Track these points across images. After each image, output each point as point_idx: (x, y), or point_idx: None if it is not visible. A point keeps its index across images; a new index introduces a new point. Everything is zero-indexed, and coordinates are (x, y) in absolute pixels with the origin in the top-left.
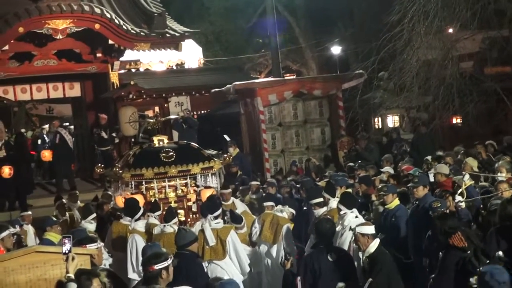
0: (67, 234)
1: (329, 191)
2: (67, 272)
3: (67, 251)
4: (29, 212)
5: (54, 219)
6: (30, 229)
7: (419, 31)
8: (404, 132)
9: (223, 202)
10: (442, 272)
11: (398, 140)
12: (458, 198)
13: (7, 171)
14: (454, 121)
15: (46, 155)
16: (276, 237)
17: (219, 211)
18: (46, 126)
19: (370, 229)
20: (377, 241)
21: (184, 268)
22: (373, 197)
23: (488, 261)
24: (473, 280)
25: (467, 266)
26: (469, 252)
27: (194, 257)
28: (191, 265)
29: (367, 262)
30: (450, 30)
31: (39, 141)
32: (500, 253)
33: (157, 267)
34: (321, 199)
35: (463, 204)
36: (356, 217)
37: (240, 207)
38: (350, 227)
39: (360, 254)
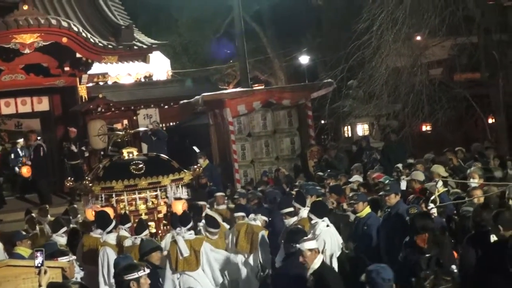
0: (39, 247)
1: (299, 201)
2: (40, 285)
3: (39, 265)
4: None
5: (24, 233)
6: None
7: (388, 38)
8: (374, 140)
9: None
10: (401, 267)
11: (368, 148)
12: (430, 205)
13: None
14: (424, 128)
15: (25, 171)
16: (253, 246)
17: (191, 224)
18: (21, 140)
19: (314, 244)
20: (320, 257)
21: None
22: (345, 206)
23: (436, 269)
24: (362, 277)
25: (415, 268)
26: (426, 255)
27: (151, 269)
28: None
29: (312, 279)
30: (418, 38)
31: (12, 156)
32: (454, 267)
33: (127, 278)
34: (291, 209)
35: (435, 211)
36: (328, 225)
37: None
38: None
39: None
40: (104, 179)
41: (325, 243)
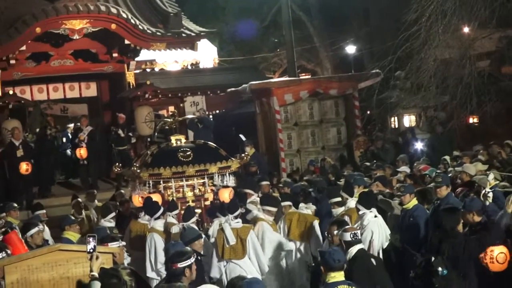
0: (87, 233)
1: (347, 191)
2: (91, 270)
3: (91, 250)
4: (44, 211)
5: (73, 218)
6: (46, 227)
7: (437, 30)
8: (421, 131)
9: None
10: None
11: (414, 139)
12: (487, 190)
13: (24, 167)
14: (471, 120)
15: (82, 152)
16: (306, 235)
17: (239, 211)
18: (71, 125)
19: (348, 236)
20: (357, 246)
21: None
22: None
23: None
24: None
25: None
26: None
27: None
28: None
29: (348, 265)
30: (466, 29)
31: (64, 140)
32: (440, 268)
33: (181, 265)
34: (339, 198)
35: (491, 196)
36: (375, 216)
37: None
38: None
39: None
40: (152, 165)
41: (372, 233)
